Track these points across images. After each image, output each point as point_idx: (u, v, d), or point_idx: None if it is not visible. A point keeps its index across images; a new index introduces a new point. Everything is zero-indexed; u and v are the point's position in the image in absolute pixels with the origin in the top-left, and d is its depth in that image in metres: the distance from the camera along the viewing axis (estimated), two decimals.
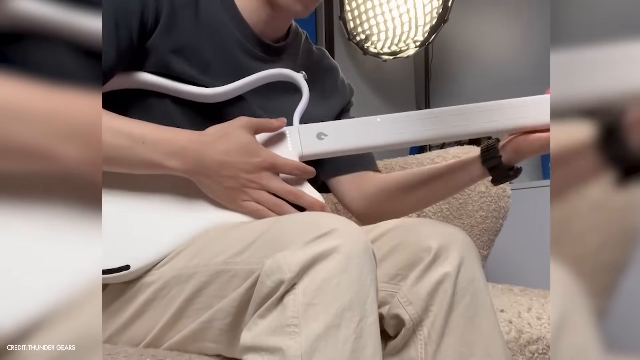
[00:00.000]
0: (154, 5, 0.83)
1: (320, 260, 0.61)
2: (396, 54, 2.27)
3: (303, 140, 0.83)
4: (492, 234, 1.32)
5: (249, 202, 0.78)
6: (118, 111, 0.81)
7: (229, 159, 0.77)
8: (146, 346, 0.76)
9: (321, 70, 1.02)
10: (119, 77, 0.84)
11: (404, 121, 0.84)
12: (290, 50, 0.97)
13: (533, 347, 1.00)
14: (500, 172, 0.86)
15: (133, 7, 0.81)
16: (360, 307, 0.61)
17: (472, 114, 0.83)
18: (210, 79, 0.86)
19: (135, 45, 0.82)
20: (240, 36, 0.90)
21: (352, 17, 2.22)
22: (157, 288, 0.74)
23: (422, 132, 0.84)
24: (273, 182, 0.78)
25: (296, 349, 0.58)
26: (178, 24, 0.85)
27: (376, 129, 0.84)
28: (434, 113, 0.84)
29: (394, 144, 0.85)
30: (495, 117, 0.82)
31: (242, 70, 0.88)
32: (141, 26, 0.82)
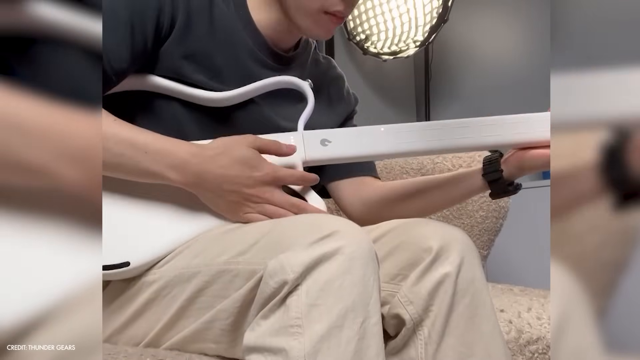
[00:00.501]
0: (170, 12, 0.83)
1: (324, 261, 0.61)
2: (396, 54, 2.27)
3: (307, 146, 0.83)
4: (492, 234, 1.32)
5: (252, 214, 0.78)
6: (127, 113, 0.81)
7: (230, 172, 0.76)
8: (146, 345, 0.76)
9: (327, 79, 1.03)
10: (130, 78, 0.84)
11: (408, 132, 0.84)
12: (300, 60, 0.98)
13: (533, 347, 1.00)
14: (500, 186, 0.86)
15: (150, 11, 0.81)
16: (363, 308, 0.61)
17: (476, 128, 0.83)
18: (221, 85, 0.86)
19: (150, 49, 0.82)
20: (252, 45, 0.90)
21: (352, 17, 2.22)
22: (159, 287, 0.74)
23: (425, 144, 0.84)
24: (276, 196, 0.78)
25: (299, 349, 0.58)
26: (192, 30, 0.85)
27: (380, 138, 0.84)
28: (438, 125, 0.85)
29: (396, 153, 0.86)
30: (498, 132, 0.82)
31: (252, 78, 0.88)
32: (156, 30, 0.82)
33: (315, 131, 0.84)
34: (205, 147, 0.78)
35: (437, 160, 1.34)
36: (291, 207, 0.78)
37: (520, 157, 0.84)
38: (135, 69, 0.83)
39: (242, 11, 0.90)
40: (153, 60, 0.84)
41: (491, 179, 0.86)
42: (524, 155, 0.83)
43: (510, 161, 0.85)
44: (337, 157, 0.85)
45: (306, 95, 0.86)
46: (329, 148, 0.84)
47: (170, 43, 0.84)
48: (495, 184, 0.86)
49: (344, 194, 1.01)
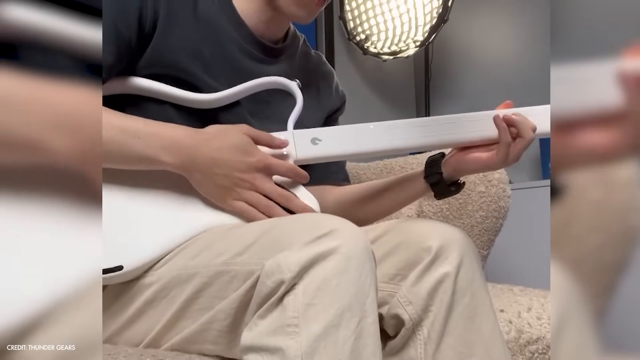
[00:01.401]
0: (152, 6, 0.83)
1: (320, 260, 0.61)
2: (396, 54, 2.27)
3: (297, 145, 0.83)
4: (492, 234, 1.32)
5: (239, 202, 0.78)
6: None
7: (223, 156, 0.76)
8: (146, 347, 0.76)
9: (318, 74, 1.03)
10: (117, 81, 0.84)
11: (397, 128, 0.85)
12: (288, 52, 0.98)
13: (533, 347, 1.00)
14: (441, 188, 0.86)
15: (131, 6, 0.81)
16: (359, 308, 0.61)
17: (464, 123, 0.84)
18: (211, 78, 0.86)
19: (135, 45, 0.82)
20: (238, 37, 0.90)
21: (352, 17, 2.22)
22: (157, 289, 0.74)
23: (415, 140, 0.85)
24: (266, 184, 0.78)
25: (296, 349, 0.58)
26: (178, 24, 0.85)
27: (370, 136, 0.85)
28: (427, 121, 0.85)
29: (386, 150, 0.86)
30: (485, 127, 0.82)
31: (241, 70, 0.88)
32: (140, 25, 0.82)
33: (305, 130, 0.84)
34: (199, 130, 0.79)
35: None
36: (279, 197, 0.78)
37: (458, 158, 0.84)
38: (124, 67, 0.83)
39: (225, 4, 0.90)
40: (141, 57, 0.84)
41: (432, 182, 0.86)
42: (463, 157, 0.83)
43: (450, 162, 0.86)
44: (328, 155, 0.85)
45: (295, 95, 0.86)
46: (320, 147, 0.84)
47: (156, 38, 0.84)
48: (436, 186, 0.86)
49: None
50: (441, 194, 0.87)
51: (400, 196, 0.93)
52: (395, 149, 0.86)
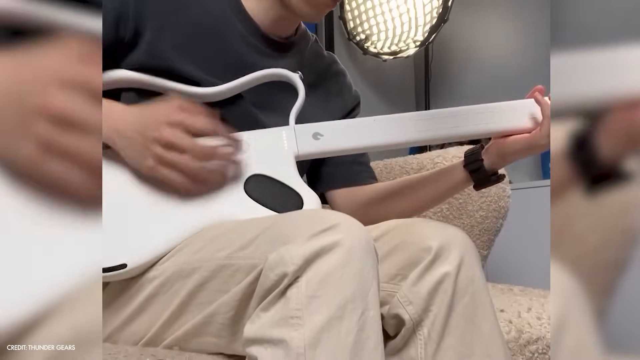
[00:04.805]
0: (134, 15, 0.83)
1: (323, 254, 0.62)
2: (396, 54, 2.27)
3: (299, 140, 0.83)
4: (492, 234, 1.32)
5: (158, 166, 0.74)
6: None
7: (137, 119, 0.76)
8: (148, 342, 0.76)
9: (329, 74, 1.03)
10: (121, 75, 0.84)
11: (399, 122, 0.85)
12: (296, 48, 0.97)
13: (533, 347, 1.00)
14: (481, 176, 0.88)
15: (106, 18, 0.82)
16: (362, 300, 0.62)
17: (467, 116, 0.84)
18: (211, 75, 0.86)
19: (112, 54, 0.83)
20: (244, 30, 0.90)
21: (352, 17, 2.22)
22: (160, 283, 0.74)
23: (417, 134, 0.85)
24: (178, 138, 0.73)
25: (299, 340, 0.59)
26: (168, 29, 0.85)
27: (371, 130, 0.84)
28: (429, 115, 0.85)
29: (388, 144, 0.86)
30: (488, 120, 0.82)
31: (245, 65, 0.88)
32: (117, 35, 0.83)
33: (306, 125, 0.84)
34: (133, 106, 0.79)
35: (437, 160, 1.34)
36: (200, 153, 0.74)
37: (499, 144, 0.85)
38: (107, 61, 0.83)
39: (232, 1, 0.90)
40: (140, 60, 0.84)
41: (472, 169, 0.88)
42: (504, 142, 0.84)
43: (491, 150, 0.87)
44: (329, 150, 0.85)
45: (297, 87, 0.86)
46: (322, 141, 0.83)
47: (148, 43, 0.84)
48: (477, 174, 0.88)
49: (338, 201, 1.02)
50: (482, 182, 0.88)
51: (439, 188, 0.93)
52: (396, 144, 0.86)
